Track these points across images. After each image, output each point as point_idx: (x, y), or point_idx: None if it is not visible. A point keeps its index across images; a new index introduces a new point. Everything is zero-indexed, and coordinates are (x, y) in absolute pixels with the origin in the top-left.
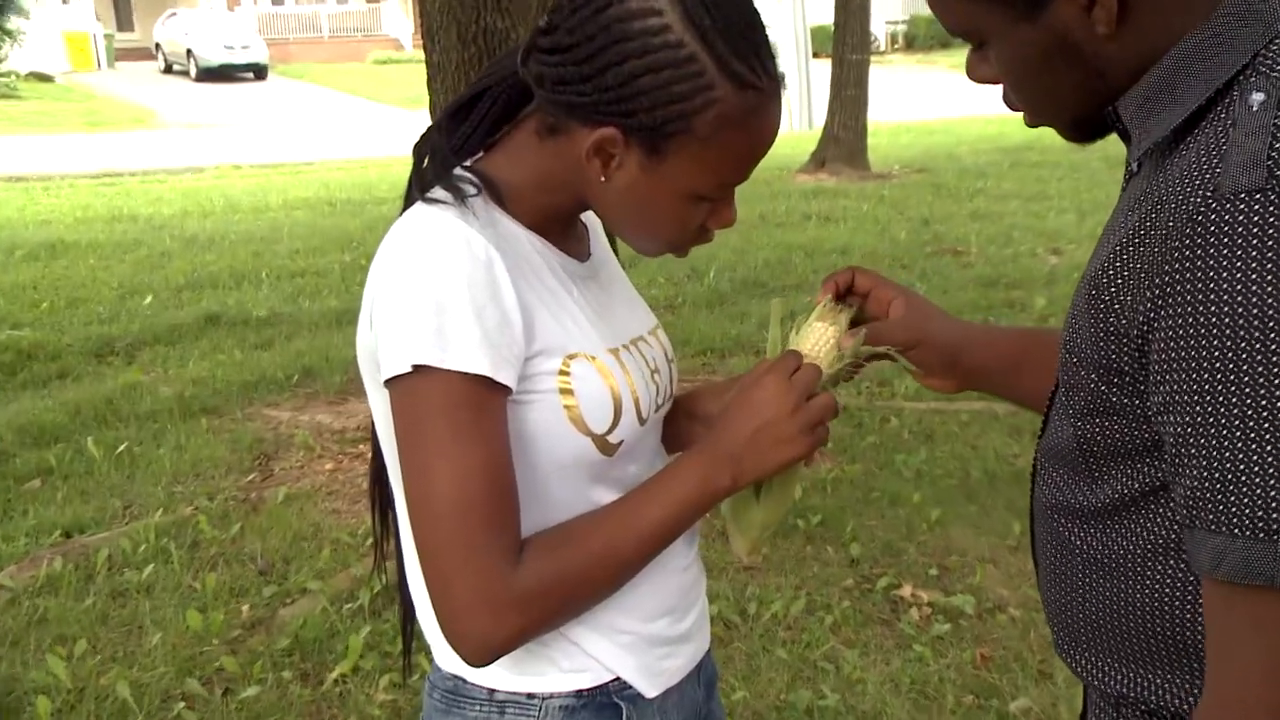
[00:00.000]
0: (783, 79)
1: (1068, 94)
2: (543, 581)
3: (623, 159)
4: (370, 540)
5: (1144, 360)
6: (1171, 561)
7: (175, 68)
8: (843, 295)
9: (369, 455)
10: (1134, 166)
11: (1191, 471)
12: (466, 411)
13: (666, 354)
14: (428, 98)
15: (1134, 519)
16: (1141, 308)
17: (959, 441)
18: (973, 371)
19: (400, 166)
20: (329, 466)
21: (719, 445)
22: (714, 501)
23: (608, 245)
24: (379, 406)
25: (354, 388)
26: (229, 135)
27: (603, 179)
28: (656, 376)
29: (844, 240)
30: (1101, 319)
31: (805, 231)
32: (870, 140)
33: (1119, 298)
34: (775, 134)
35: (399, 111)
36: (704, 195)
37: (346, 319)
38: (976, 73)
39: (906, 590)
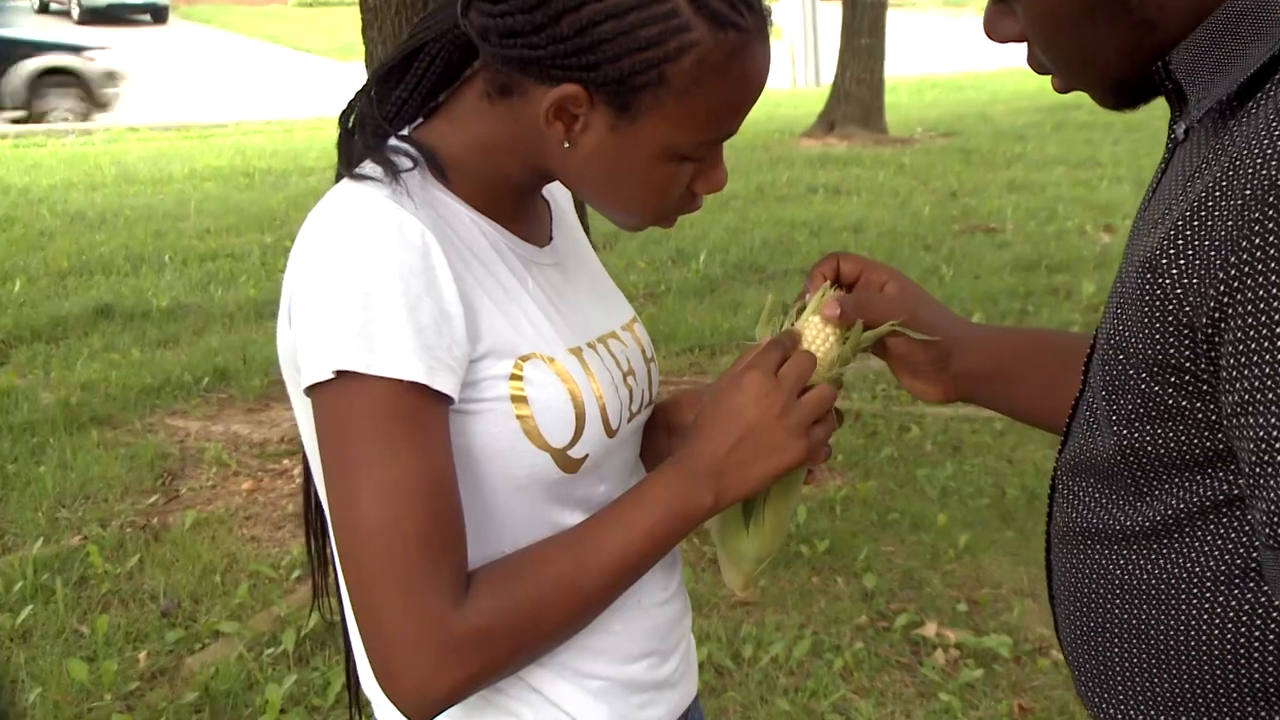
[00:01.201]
0: (769, 13)
1: (1110, 51)
2: (491, 621)
3: (588, 120)
4: (296, 573)
5: (1213, 355)
6: (1241, 589)
7: (53, 6)
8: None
9: (295, 472)
10: (1179, 133)
11: (1276, 484)
12: (399, 424)
13: (645, 352)
14: (363, 48)
15: (1193, 540)
16: (1211, 292)
17: (992, 454)
18: (964, 375)
19: (330, 130)
20: (247, 486)
21: (696, 458)
22: (692, 525)
23: (578, 226)
24: (303, 416)
25: (277, 392)
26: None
27: (566, 145)
28: (630, 380)
29: (857, 216)
30: (1158, 307)
31: (811, 206)
32: (888, 98)
33: (1182, 280)
34: (765, 79)
35: (329, 64)
36: (687, 155)
37: (268, 311)
38: (998, 30)
39: (930, 629)
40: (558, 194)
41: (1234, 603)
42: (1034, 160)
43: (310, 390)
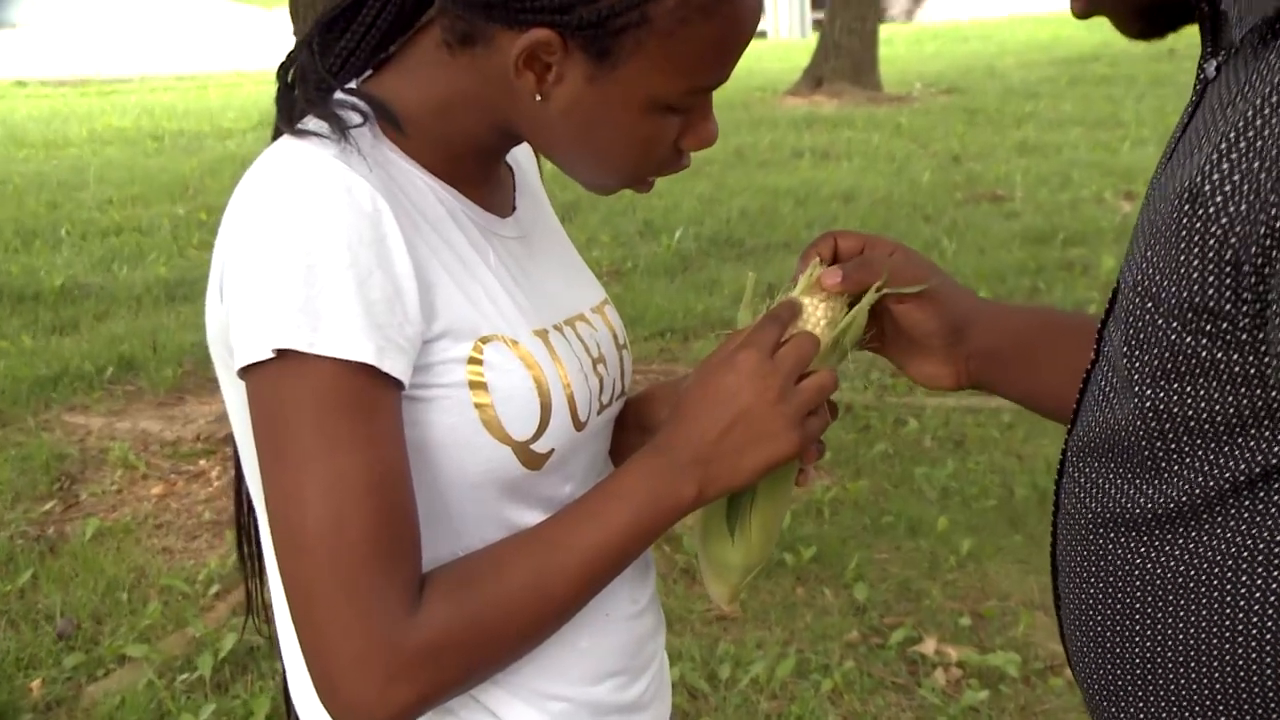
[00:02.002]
0: None
1: None
2: (447, 633)
3: (562, 69)
4: (215, 589)
5: (1260, 293)
6: None
7: None
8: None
9: (213, 474)
10: (1210, 71)
11: None
12: (345, 410)
13: (617, 338)
14: None
15: (1227, 520)
16: (1262, 218)
17: (999, 449)
18: (979, 355)
19: (253, 87)
20: (157, 490)
21: (679, 444)
22: (672, 521)
23: (544, 195)
24: (235, 403)
25: (192, 383)
26: (8, 41)
27: (538, 98)
28: (601, 367)
29: (848, 183)
30: (1197, 243)
31: (796, 173)
32: (883, 50)
33: (1226, 209)
34: (757, 18)
35: (249, 10)
36: (673, 106)
37: (180, 292)
38: None
39: (929, 645)
40: (522, 159)
41: (1277, 587)
42: (1047, 120)
43: (245, 372)
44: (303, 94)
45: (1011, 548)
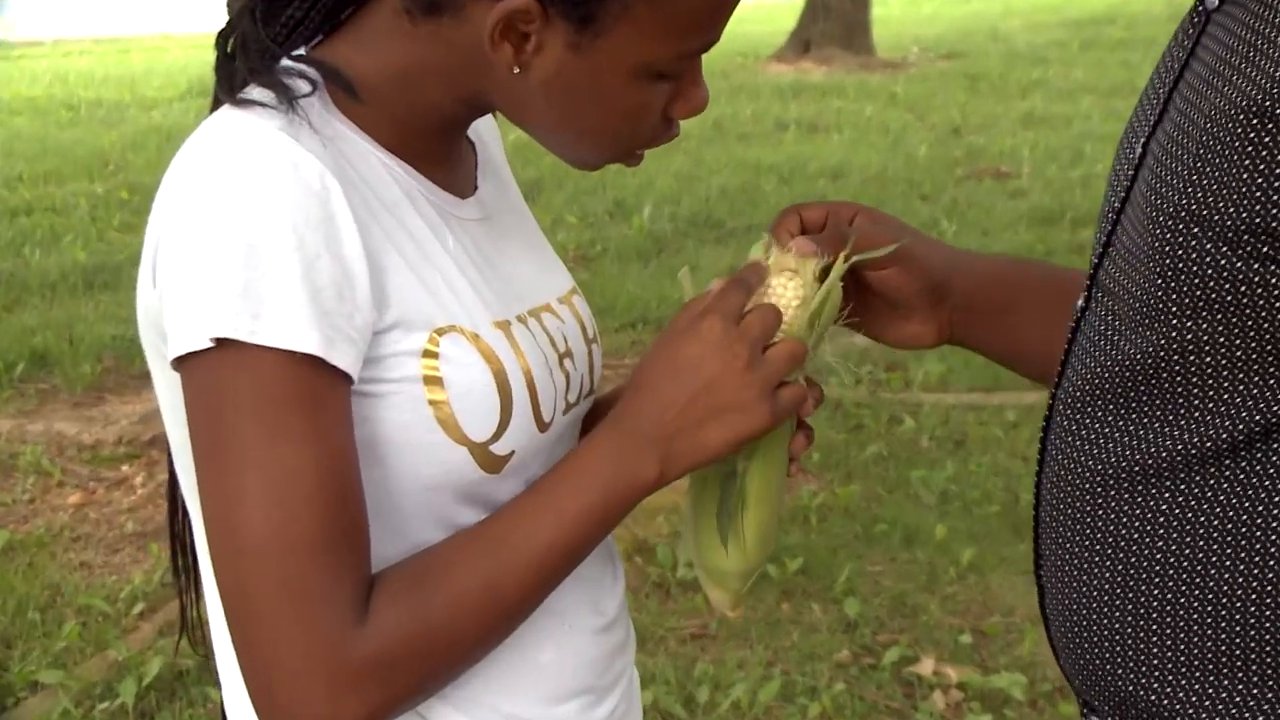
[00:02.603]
0: None
1: None
2: (397, 641)
3: (542, 39)
4: (139, 607)
5: None
6: None
7: None
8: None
9: (136, 481)
10: (1213, 1)
11: None
12: (290, 405)
13: (586, 331)
14: None
15: (1267, 461)
16: None
17: (1002, 450)
18: (960, 307)
19: (180, 51)
20: (74, 499)
21: (637, 419)
22: (632, 504)
23: (507, 174)
24: (168, 397)
25: (112, 381)
26: None
27: (516, 70)
28: (568, 363)
29: (837, 159)
30: (1264, 158)
31: (780, 147)
32: (875, 11)
33: None
34: None
35: None
36: (663, 71)
37: (100, 279)
38: None
39: (927, 666)
40: (484, 133)
41: None
42: (1056, 88)
43: (180, 363)
44: (244, 62)
45: (1016, 558)
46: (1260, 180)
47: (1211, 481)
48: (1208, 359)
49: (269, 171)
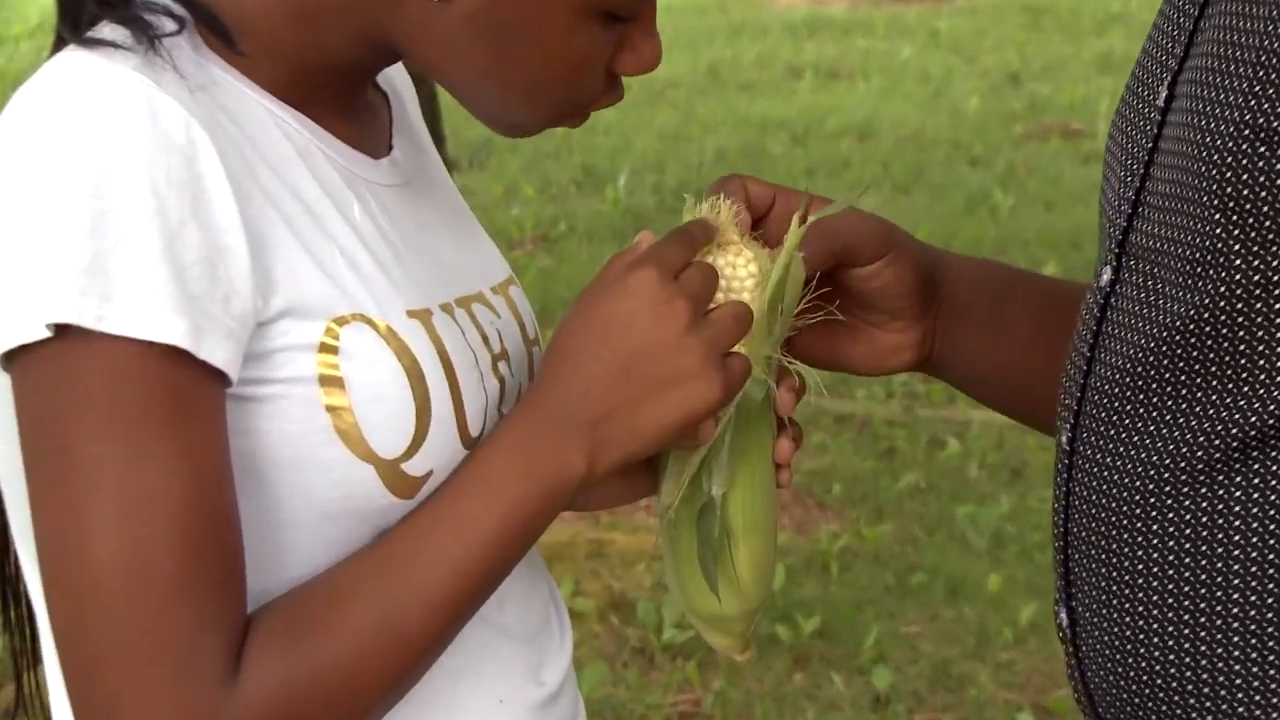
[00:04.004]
0: None
1: None
2: (279, 699)
3: None
4: None
5: None
6: None
7: None
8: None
9: None
10: None
11: None
12: (148, 411)
13: (525, 329)
14: None
15: None
16: None
17: None
18: (945, 314)
19: None
20: None
21: (557, 401)
22: (557, 505)
23: (426, 134)
24: None
25: None
26: None
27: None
28: (504, 366)
29: (863, 113)
30: None
31: (792, 99)
32: None
33: None
34: None
35: None
36: (612, 11)
37: None
38: None
39: None
40: (399, 84)
41: None
42: (1140, 23)
43: (9, 359)
44: None
45: None
46: None
47: None
48: (1278, 303)
49: (121, 121)
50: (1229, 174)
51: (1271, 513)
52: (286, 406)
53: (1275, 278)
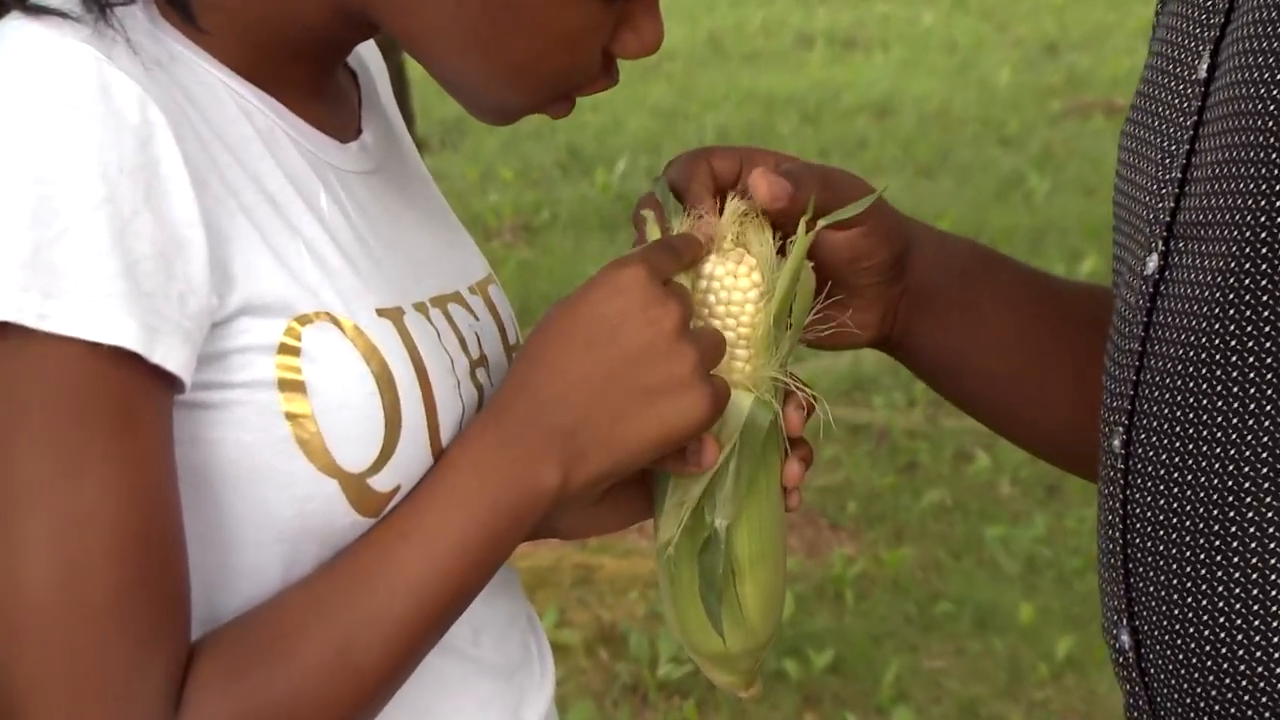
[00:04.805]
0: None
1: None
2: None
3: None
4: None
5: None
6: None
7: None
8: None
9: None
10: None
11: None
12: (92, 419)
13: (506, 334)
14: None
15: None
16: None
17: None
18: (913, 290)
19: None
20: None
21: (529, 407)
22: (528, 524)
23: (398, 116)
24: None
25: None
26: None
27: None
28: (482, 373)
29: (882, 88)
30: None
31: (802, 71)
32: None
33: None
34: None
35: None
36: None
37: None
38: None
39: None
40: (370, 61)
41: None
42: None
43: None
44: None
45: None
46: None
47: None
48: None
49: (69, 98)
50: None
51: None
52: (243, 414)
53: None
